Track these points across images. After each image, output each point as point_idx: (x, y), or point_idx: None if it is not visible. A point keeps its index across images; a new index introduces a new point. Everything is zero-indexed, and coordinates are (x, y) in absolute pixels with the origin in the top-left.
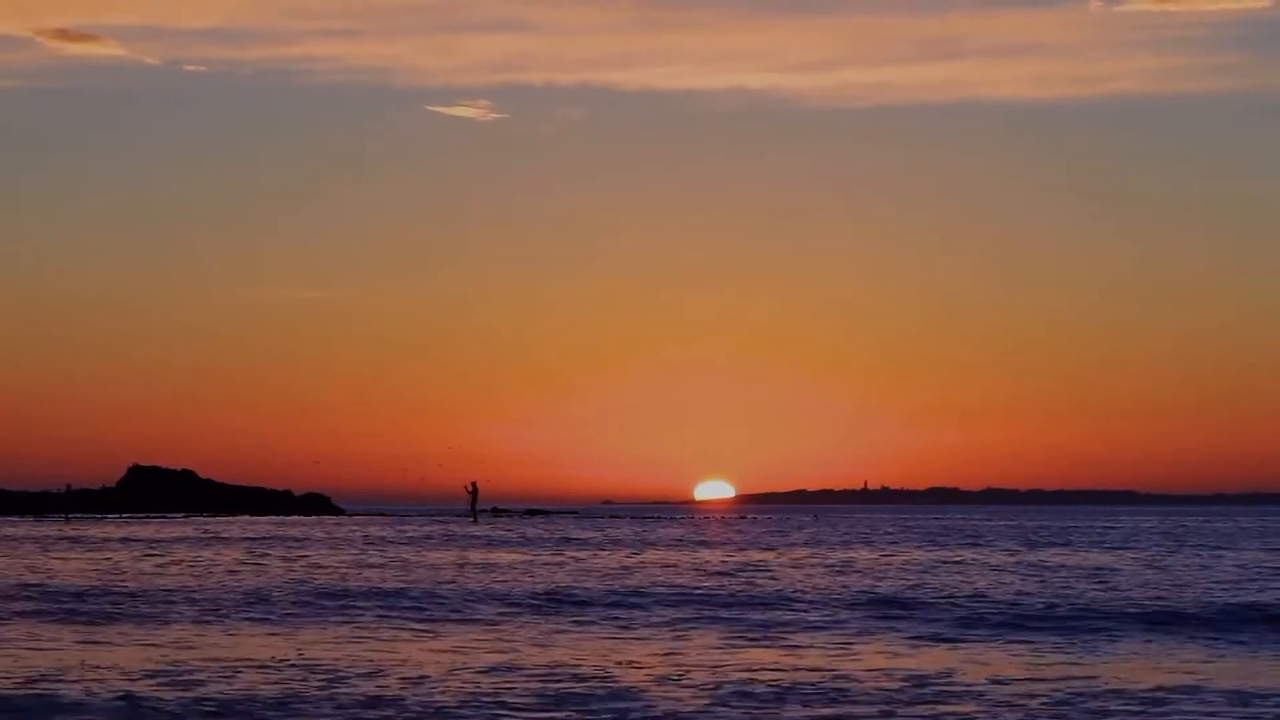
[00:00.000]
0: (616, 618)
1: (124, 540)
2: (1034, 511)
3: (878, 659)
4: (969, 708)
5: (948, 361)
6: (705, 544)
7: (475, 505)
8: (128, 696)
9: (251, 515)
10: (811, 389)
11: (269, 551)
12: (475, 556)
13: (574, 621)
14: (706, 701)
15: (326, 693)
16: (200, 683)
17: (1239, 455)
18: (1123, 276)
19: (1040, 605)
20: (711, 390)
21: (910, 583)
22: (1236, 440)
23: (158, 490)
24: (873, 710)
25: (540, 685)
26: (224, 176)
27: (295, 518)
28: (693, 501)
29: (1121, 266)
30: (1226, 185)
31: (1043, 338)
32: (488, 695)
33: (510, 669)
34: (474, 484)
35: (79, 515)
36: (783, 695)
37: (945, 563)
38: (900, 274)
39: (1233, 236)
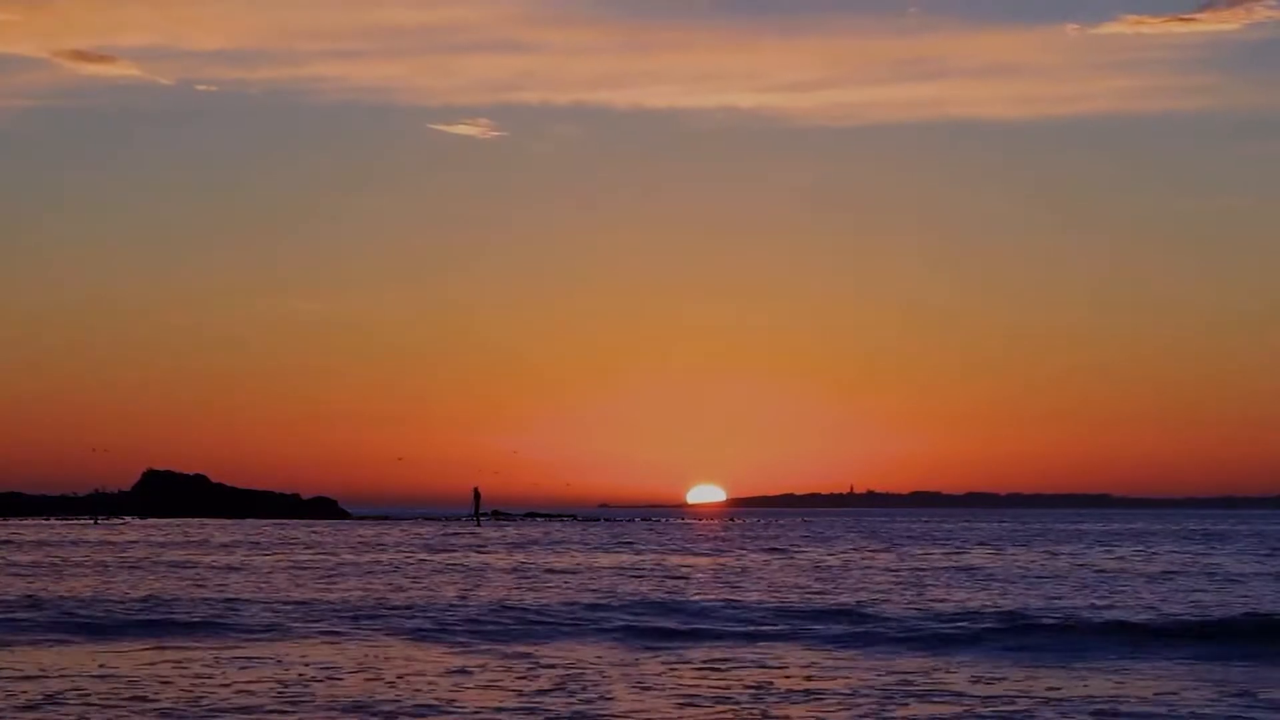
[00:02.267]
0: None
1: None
2: (975, 514)
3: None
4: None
5: (930, 370)
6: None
7: (479, 509)
8: None
9: (260, 518)
10: (799, 397)
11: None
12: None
13: None
14: None
15: None
16: None
17: (1208, 460)
18: (1098, 288)
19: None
20: (704, 398)
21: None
22: (1206, 446)
23: (172, 494)
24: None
25: None
26: (235, 192)
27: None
28: (685, 505)
29: (1097, 279)
30: (1197, 201)
31: (1022, 348)
32: None
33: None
34: (476, 489)
35: (106, 519)
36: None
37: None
38: (884, 286)
39: (1202, 250)
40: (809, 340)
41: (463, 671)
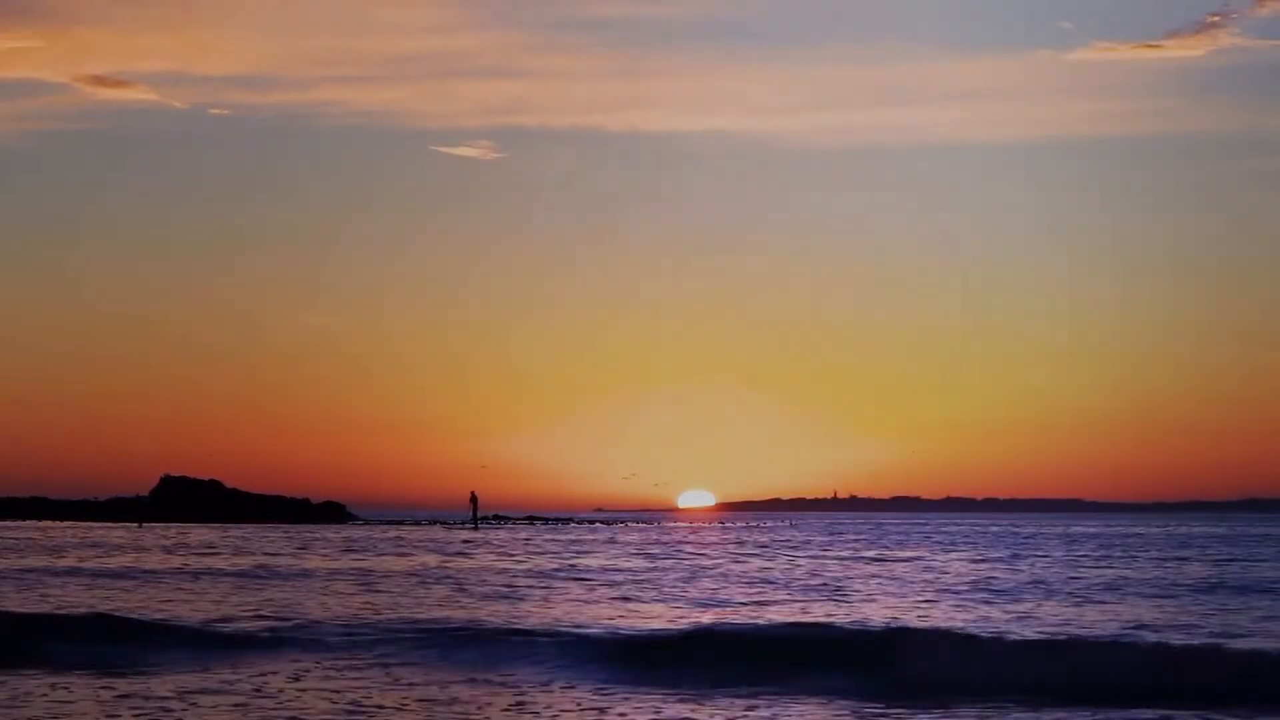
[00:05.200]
0: None
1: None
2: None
3: None
4: None
5: (910, 381)
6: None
7: (476, 512)
8: None
9: (271, 523)
10: (786, 406)
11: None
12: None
13: None
14: None
15: None
16: None
17: (1174, 466)
18: (1067, 302)
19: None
20: (694, 407)
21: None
22: (1171, 452)
23: (187, 499)
24: None
25: None
26: (246, 210)
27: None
28: (676, 509)
29: (1066, 293)
30: (1162, 218)
31: (997, 358)
32: None
33: None
34: (474, 493)
35: (150, 523)
36: None
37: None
38: (865, 300)
39: (1166, 265)
40: (795, 352)
41: None
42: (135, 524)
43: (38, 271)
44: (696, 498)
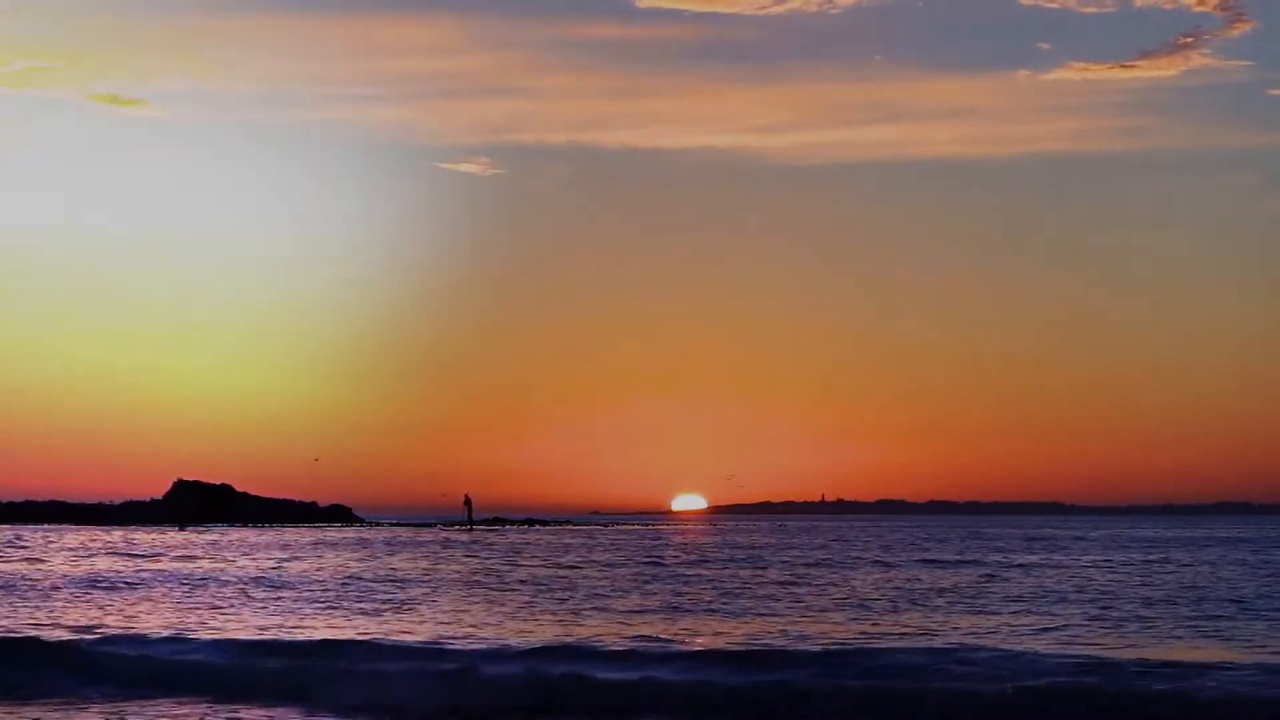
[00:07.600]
0: None
1: None
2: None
3: None
4: None
5: (895, 388)
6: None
7: (471, 515)
8: None
9: (279, 525)
10: (775, 413)
11: None
12: None
13: None
14: None
15: None
16: None
17: (1153, 471)
18: (1044, 313)
19: None
20: (688, 414)
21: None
22: (1149, 458)
23: (199, 502)
24: None
25: None
26: (255, 224)
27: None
28: (670, 512)
29: (1042, 304)
30: (1135, 232)
31: (976, 368)
32: None
33: None
34: (467, 496)
35: (194, 526)
36: None
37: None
38: (850, 311)
39: (1138, 277)
40: (782, 360)
41: None
42: (177, 527)
43: (46, 280)
44: (689, 501)
